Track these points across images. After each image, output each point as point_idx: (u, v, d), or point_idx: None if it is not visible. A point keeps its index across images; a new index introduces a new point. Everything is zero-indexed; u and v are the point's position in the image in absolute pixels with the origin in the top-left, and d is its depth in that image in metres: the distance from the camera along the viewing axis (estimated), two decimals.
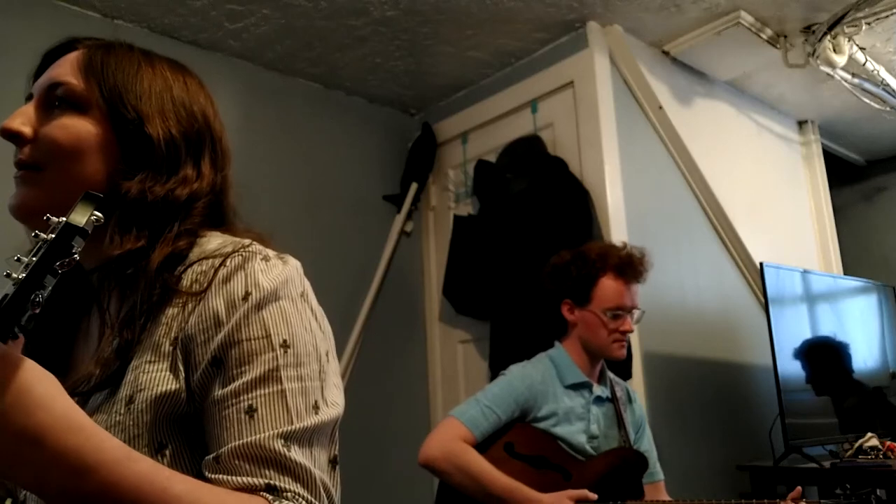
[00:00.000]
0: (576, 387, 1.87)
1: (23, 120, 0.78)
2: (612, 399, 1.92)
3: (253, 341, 0.70)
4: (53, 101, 0.79)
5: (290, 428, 0.68)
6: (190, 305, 0.72)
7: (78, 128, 0.77)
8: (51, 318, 0.82)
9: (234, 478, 0.66)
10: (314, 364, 0.73)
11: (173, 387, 0.70)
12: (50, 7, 2.25)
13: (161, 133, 0.79)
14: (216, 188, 0.84)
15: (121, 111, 0.78)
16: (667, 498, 1.93)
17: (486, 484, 1.68)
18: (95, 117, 0.78)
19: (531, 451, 1.79)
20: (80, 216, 0.56)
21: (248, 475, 0.66)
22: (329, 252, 2.74)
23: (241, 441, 0.67)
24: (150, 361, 0.71)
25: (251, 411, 0.68)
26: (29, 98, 0.82)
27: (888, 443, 2.45)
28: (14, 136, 0.78)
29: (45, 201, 0.75)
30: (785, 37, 2.67)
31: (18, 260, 0.55)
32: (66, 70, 0.79)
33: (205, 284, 0.73)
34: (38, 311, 0.55)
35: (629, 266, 1.88)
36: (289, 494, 0.66)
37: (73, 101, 0.78)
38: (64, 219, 0.56)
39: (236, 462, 0.66)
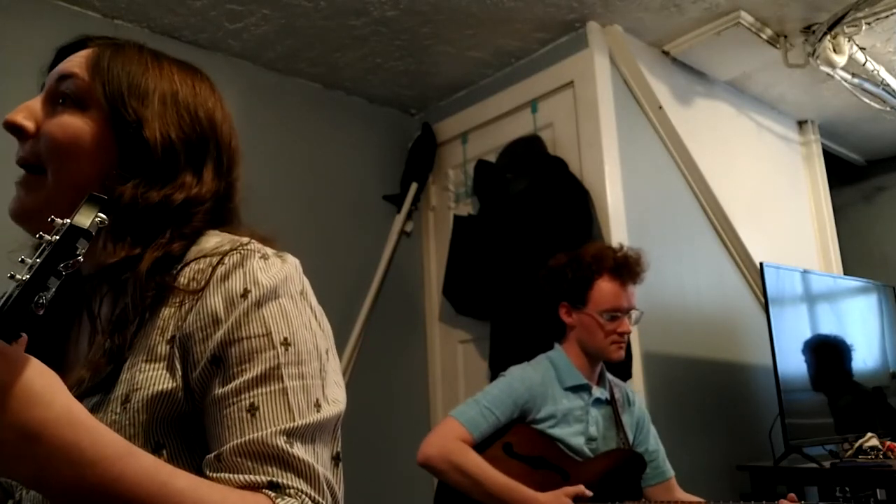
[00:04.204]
0: (575, 389, 1.87)
1: (26, 114, 0.78)
2: (611, 401, 1.92)
3: (253, 339, 0.70)
4: (59, 96, 0.78)
5: (292, 425, 0.68)
6: (187, 304, 0.72)
7: (76, 127, 0.77)
8: (41, 323, 0.81)
9: (236, 476, 0.66)
10: (315, 362, 0.73)
11: (170, 386, 0.69)
12: (50, 7, 2.25)
13: (159, 137, 0.78)
14: (219, 194, 0.82)
15: (121, 112, 0.77)
16: (679, 494, 1.93)
17: (484, 483, 1.68)
18: (96, 117, 0.77)
19: (529, 451, 1.79)
20: (85, 218, 0.56)
21: (250, 472, 0.66)
22: (329, 252, 2.74)
23: (242, 439, 0.67)
24: (146, 361, 0.70)
25: (253, 409, 0.68)
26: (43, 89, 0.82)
27: (888, 443, 2.45)
28: (16, 130, 0.78)
29: (43, 206, 0.75)
30: (785, 37, 2.67)
31: (23, 261, 0.55)
32: (75, 63, 0.80)
33: (202, 282, 0.72)
34: (41, 312, 0.55)
35: (625, 267, 1.88)
36: (291, 491, 0.66)
37: (77, 98, 0.78)
38: (68, 220, 0.56)
39: (238, 460, 0.66)
